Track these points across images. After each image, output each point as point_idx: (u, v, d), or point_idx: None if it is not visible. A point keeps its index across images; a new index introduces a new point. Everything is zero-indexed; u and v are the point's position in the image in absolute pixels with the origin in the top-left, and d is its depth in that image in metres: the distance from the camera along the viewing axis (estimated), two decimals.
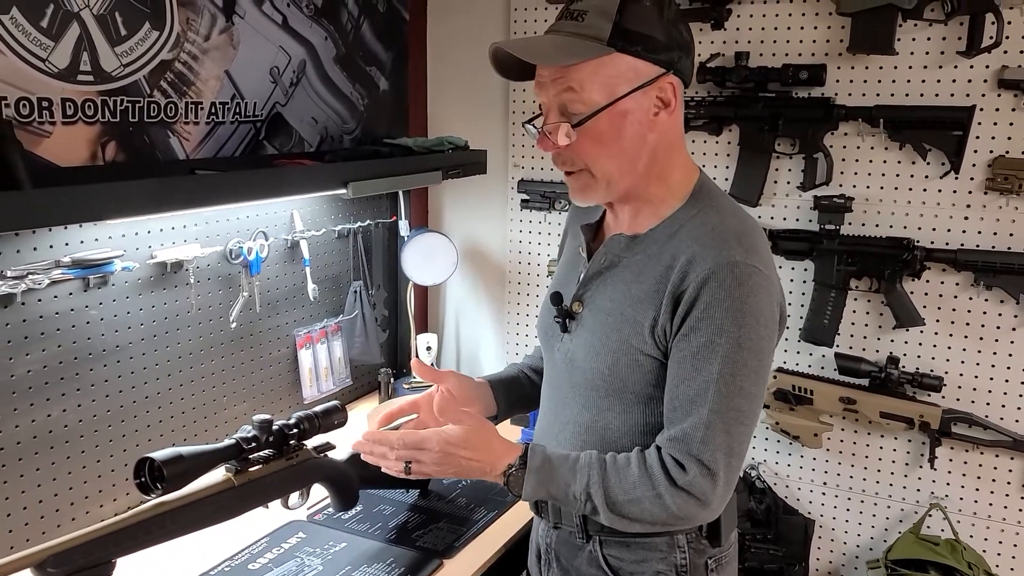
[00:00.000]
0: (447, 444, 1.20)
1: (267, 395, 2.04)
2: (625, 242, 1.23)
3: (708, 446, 1.12)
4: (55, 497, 1.57)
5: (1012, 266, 1.86)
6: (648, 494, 1.14)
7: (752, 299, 1.12)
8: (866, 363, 2.01)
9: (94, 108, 1.55)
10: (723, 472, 1.13)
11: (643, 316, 1.18)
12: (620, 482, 1.16)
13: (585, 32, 1.12)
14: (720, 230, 1.16)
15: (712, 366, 1.12)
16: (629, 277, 1.21)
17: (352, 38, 2.21)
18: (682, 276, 1.14)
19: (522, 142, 2.41)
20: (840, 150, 2.01)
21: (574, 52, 1.12)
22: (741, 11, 2.07)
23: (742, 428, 1.14)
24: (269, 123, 1.97)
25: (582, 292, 1.27)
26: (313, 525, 1.64)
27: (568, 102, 1.14)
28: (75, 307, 1.56)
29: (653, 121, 1.17)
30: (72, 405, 1.58)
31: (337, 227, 2.19)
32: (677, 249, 1.16)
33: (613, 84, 1.13)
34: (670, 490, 1.13)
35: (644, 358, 1.18)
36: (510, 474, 1.19)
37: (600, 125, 1.13)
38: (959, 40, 1.85)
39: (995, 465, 1.97)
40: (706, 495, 1.13)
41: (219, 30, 1.79)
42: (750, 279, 1.12)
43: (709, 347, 1.12)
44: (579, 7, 1.14)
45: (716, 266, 1.12)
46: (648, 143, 1.18)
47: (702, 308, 1.12)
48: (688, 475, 1.12)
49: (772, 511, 2.14)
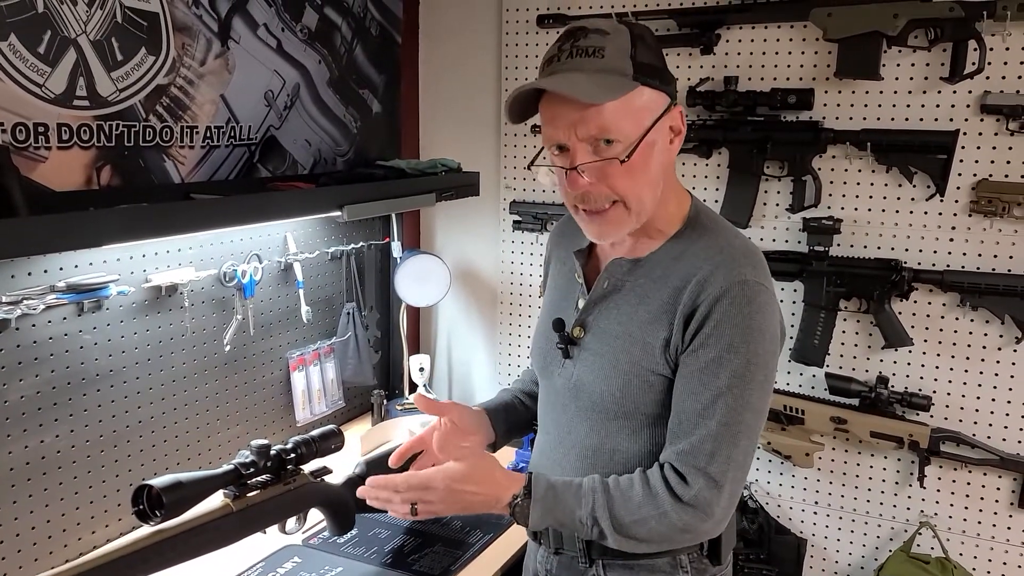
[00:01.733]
0: (451, 481, 1.21)
1: (260, 418, 2.03)
2: (627, 266, 1.25)
3: (716, 459, 1.13)
4: (48, 524, 1.55)
5: (996, 287, 1.89)
6: (653, 513, 1.15)
7: (759, 316, 1.15)
8: (856, 383, 2.03)
9: (90, 133, 1.55)
10: (729, 485, 1.15)
11: (654, 336, 1.19)
12: (625, 503, 1.16)
13: (612, 68, 1.13)
14: (729, 250, 1.19)
15: (721, 380, 1.14)
16: (635, 300, 1.23)
17: (345, 61, 2.22)
18: (695, 295, 1.16)
19: (514, 164, 2.43)
20: (828, 173, 2.04)
21: (612, 88, 1.13)
22: (730, 36, 2.10)
23: (748, 443, 1.16)
24: (263, 146, 1.98)
25: (584, 317, 1.28)
26: (309, 549, 1.63)
27: (603, 139, 1.14)
28: (69, 332, 1.56)
29: (670, 149, 1.21)
30: (65, 430, 1.57)
31: (330, 249, 2.19)
32: (688, 270, 1.18)
33: (642, 117, 1.15)
34: (675, 507, 1.14)
35: (655, 378, 1.20)
36: (515, 505, 1.20)
37: (635, 158, 1.15)
38: (943, 66, 1.89)
39: (983, 483, 1.99)
40: (711, 507, 1.14)
41: (215, 55, 1.80)
42: (758, 296, 1.15)
43: (718, 362, 1.14)
44: (592, 44, 1.14)
45: (728, 284, 1.14)
46: (665, 171, 1.21)
47: (712, 325, 1.14)
48: (692, 489, 1.14)
49: (764, 531, 2.15)
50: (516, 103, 1.19)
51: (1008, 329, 1.91)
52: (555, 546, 1.31)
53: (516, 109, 1.20)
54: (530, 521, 1.19)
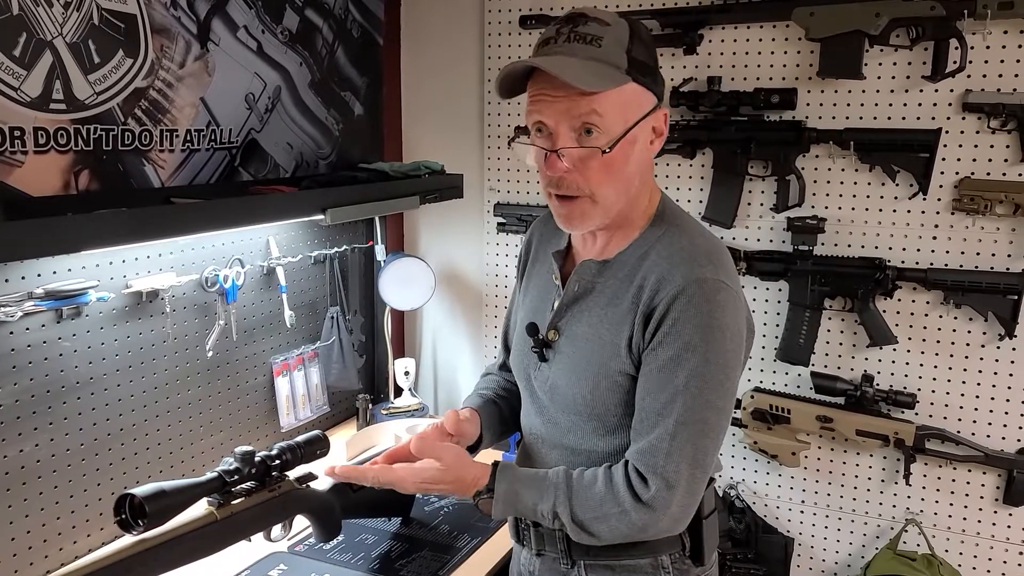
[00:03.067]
0: (422, 483, 1.26)
1: (244, 424, 2.01)
2: (596, 268, 1.24)
3: (672, 458, 1.13)
4: (28, 534, 1.53)
5: (979, 284, 1.90)
6: (614, 511, 1.16)
7: (719, 314, 1.14)
8: (841, 381, 2.03)
9: (67, 137, 1.53)
10: (685, 483, 1.15)
11: (619, 337, 1.19)
12: (586, 500, 1.17)
13: (606, 59, 1.13)
14: (689, 250, 1.18)
15: (679, 379, 1.13)
16: (604, 301, 1.22)
17: (327, 64, 2.21)
18: (652, 294, 1.16)
19: (497, 165, 2.42)
20: (812, 172, 2.05)
21: (606, 79, 1.12)
22: (713, 36, 2.11)
23: (707, 441, 1.15)
24: (244, 149, 1.96)
25: (557, 320, 1.27)
26: (295, 556, 1.61)
27: (588, 127, 1.13)
28: (48, 339, 1.53)
29: (649, 149, 1.20)
30: (45, 439, 1.54)
31: (313, 253, 2.17)
32: (648, 270, 1.18)
33: (628, 112, 1.15)
34: (635, 506, 1.15)
35: (623, 378, 1.20)
36: (479, 500, 1.24)
37: (614, 152, 1.14)
38: (924, 65, 1.90)
39: (968, 480, 2.00)
40: (667, 507, 1.15)
41: (194, 57, 1.78)
42: (718, 295, 1.15)
43: (676, 361, 1.14)
44: (590, 32, 1.13)
45: (685, 283, 1.14)
46: (640, 170, 1.20)
47: (670, 323, 1.14)
48: (651, 491, 1.14)
49: (752, 530, 2.16)
50: (507, 79, 1.17)
51: (991, 326, 1.92)
52: (537, 548, 1.31)
53: (506, 85, 1.19)
54: (493, 514, 1.23)
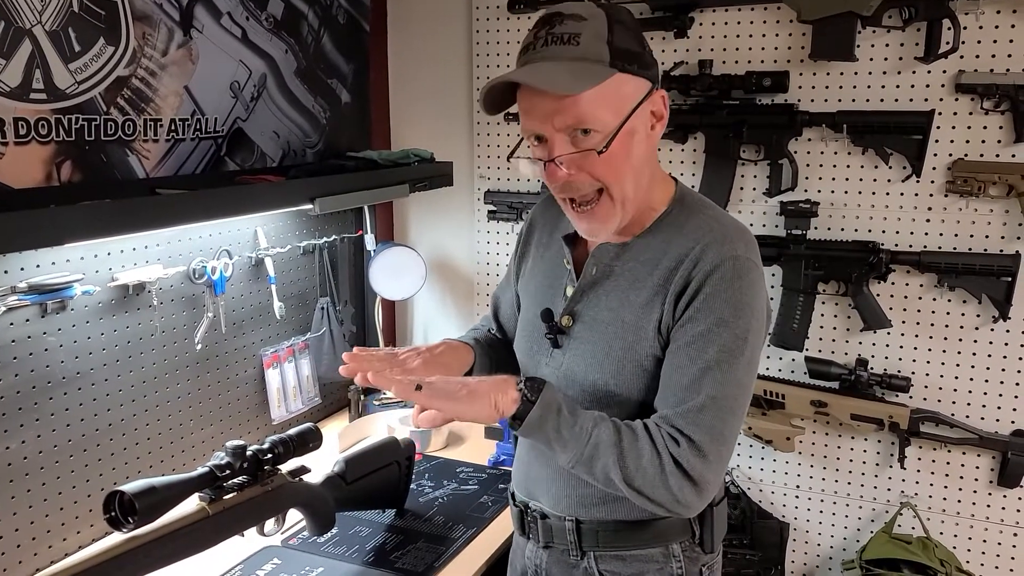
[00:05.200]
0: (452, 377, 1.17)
1: (235, 417, 1.99)
2: (614, 251, 1.23)
3: (700, 428, 1.10)
4: (16, 532, 1.50)
5: (973, 267, 1.89)
6: (649, 450, 1.10)
7: (750, 292, 1.14)
8: (836, 366, 2.03)
9: (48, 127, 1.50)
10: (714, 457, 1.11)
11: (646, 320, 1.17)
12: (632, 437, 1.12)
13: (588, 56, 1.10)
14: (719, 229, 1.17)
15: (709, 354, 1.12)
16: (625, 285, 1.21)
17: (313, 51, 2.17)
18: (688, 271, 1.14)
19: (487, 153, 2.40)
20: (804, 156, 2.03)
21: (588, 77, 1.09)
22: (704, 19, 2.08)
23: (733, 418, 1.14)
24: (230, 139, 1.93)
25: (573, 306, 1.25)
26: (288, 550, 1.59)
27: (580, 128, 1.11)
28: (33, 334, 1.50)
29: (651, 135, 1.18)
30: (32, 436, 1.51)
31: (302, 243, 2.15)
32: (680, 251, 1.17)
33: (620, 105, 1.13)
34: (669, 457, 1.09)
35: (650, 362, 1.18)
36: (522, 389, 1.12)
37: (615, 147, 1.12)
38: (917, 46, 1.89)
39: (962, 463, 2.00)
40: (696, 472, 1.10)
41: (177, 45, 1.75)
42: (749, 273, 1.14)
43: (706, 336, 1.12)
44: (567, 30, 1.11)
45: (720, 259, 1.13)
46: (648, 159, 1.19)
47: (703, 299, 1.13)
48: (680, 448, 1.10)
49: (747, 516, 2.15)
50: (491, 94, 1.15)
51: (985, 308, 1.92)
52: (545, 540, 1.29)
53: (491, 100, 1.16)
54: (539, 399, 1.10)
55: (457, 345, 1.40)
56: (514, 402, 1.11)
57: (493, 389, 1.12)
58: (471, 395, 1.11)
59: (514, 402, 1.11)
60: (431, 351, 1.34)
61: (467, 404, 1.11)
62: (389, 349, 1.34)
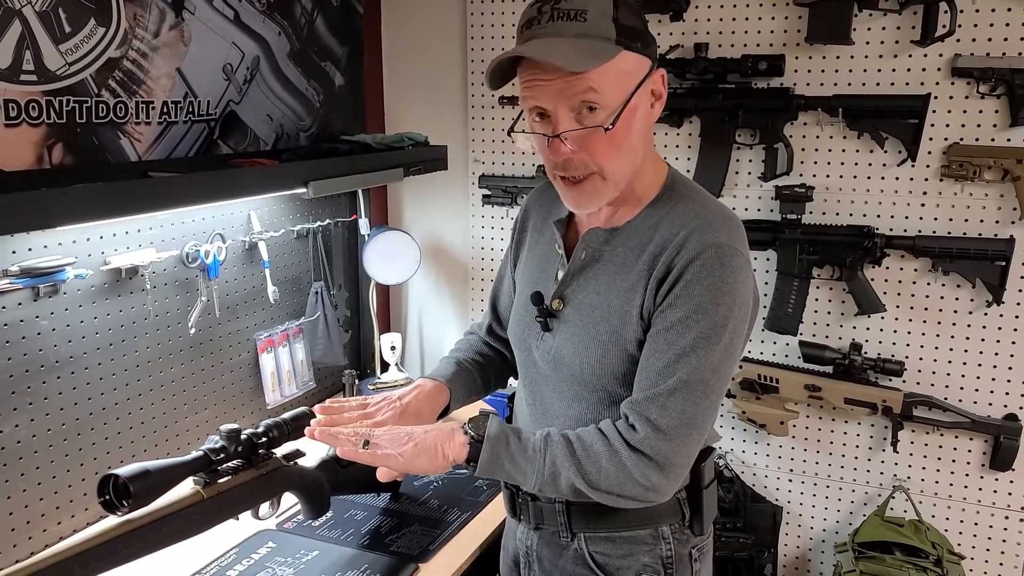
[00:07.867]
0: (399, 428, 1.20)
1: (229, 402, 1.99)
2: (604, 235, 1.23)
3: (667, 412, 1.11)
4: (10, 516, 1.50)
5: (967, 251, 1.90)
6: (604, 450, 1.13)
7: (732, 279, 1.13)
8: (830, 350, 2.03)
9: (39, 109, 1.48)
10: (680, 439, 1.12)
11: (630, 304, 1.18)
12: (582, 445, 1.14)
13: (594, 33, 1.10)
14: (704, 216, 1.17)
15: (686, 340, 1.12)
16: (612, 270, 1.21)
17: (306, 33, 2.15)
18: (670, 258, 1.14)
19: (482, 136, 2.39)
20: (800, 140, 2.03)
21: (595, 54, 1.09)
22: (699, 2, 2.07)
23: (707, 403, 1.14)
24: (223, 122, 1.91)
25: (563, 289, 1.25)
26: (283, 534, 1.60)
27: (588, 105, 1.11)
28: (25, 318, 1.49)
29: (651, 113, 1.18)
30: (25, 420, 1.51)
31: (296, 227, 2.13)
32: (664, 236, 1.17)
33: (624, 82, 1.12)
34: (625, 449, 1.12)
35: (634, 346, 1.18)
36: (468, 432, 1.15)
37: (617, 125, 1.12)
38: (913, 29, 1.88)
39: (955, 446, 2.01)
40: (660, 455, 1.11)
41: (169, 26, 1.73)
42: (732, 260, 1.14)
43: (684, 322, 1.12)
44: (573, 6, 1.10)
45: (702, 247, 1.13)
46: (644, 138, 1.19)
47: (683, 286, 1.13)
48: (639, 435, 1.12)
49: (740, 500, 2.16)
50: (497, 71, 1.14)
51: (979, 293, 1.92)
52: (535, 521, 1.29)
53: (497, 76, 1.16)
54: (486, 432, 1.14)
55: (430, 389, 1.39)
56: (463, 446, 1.15)
57: (440, 439, 1.16)
58: (417, 449, 1.15)
59: (463, 446, 1.15)
60: (402, 400, 1.34)
61: (414, 460, 1.15)
62: (361, 398, 1.35)
